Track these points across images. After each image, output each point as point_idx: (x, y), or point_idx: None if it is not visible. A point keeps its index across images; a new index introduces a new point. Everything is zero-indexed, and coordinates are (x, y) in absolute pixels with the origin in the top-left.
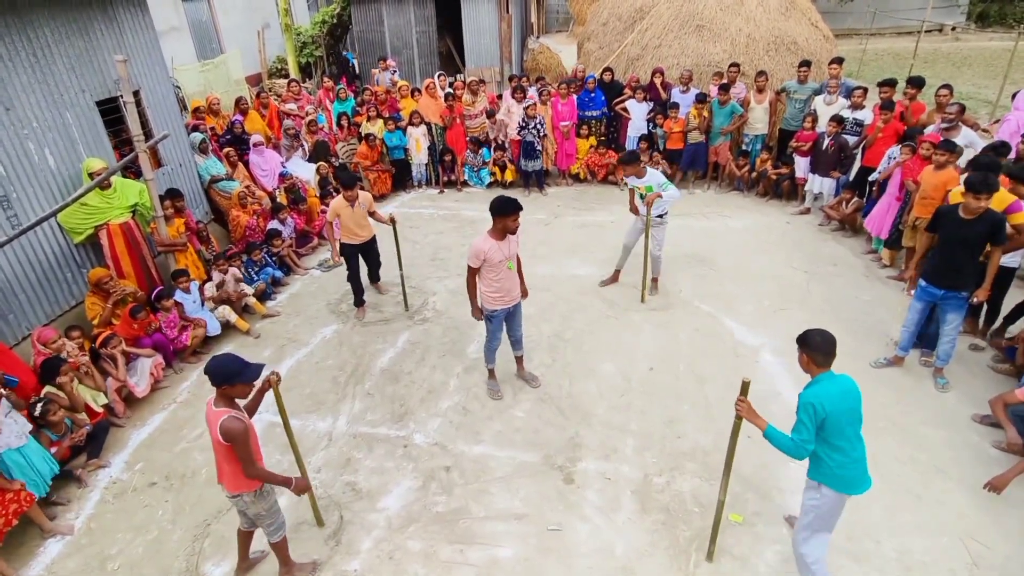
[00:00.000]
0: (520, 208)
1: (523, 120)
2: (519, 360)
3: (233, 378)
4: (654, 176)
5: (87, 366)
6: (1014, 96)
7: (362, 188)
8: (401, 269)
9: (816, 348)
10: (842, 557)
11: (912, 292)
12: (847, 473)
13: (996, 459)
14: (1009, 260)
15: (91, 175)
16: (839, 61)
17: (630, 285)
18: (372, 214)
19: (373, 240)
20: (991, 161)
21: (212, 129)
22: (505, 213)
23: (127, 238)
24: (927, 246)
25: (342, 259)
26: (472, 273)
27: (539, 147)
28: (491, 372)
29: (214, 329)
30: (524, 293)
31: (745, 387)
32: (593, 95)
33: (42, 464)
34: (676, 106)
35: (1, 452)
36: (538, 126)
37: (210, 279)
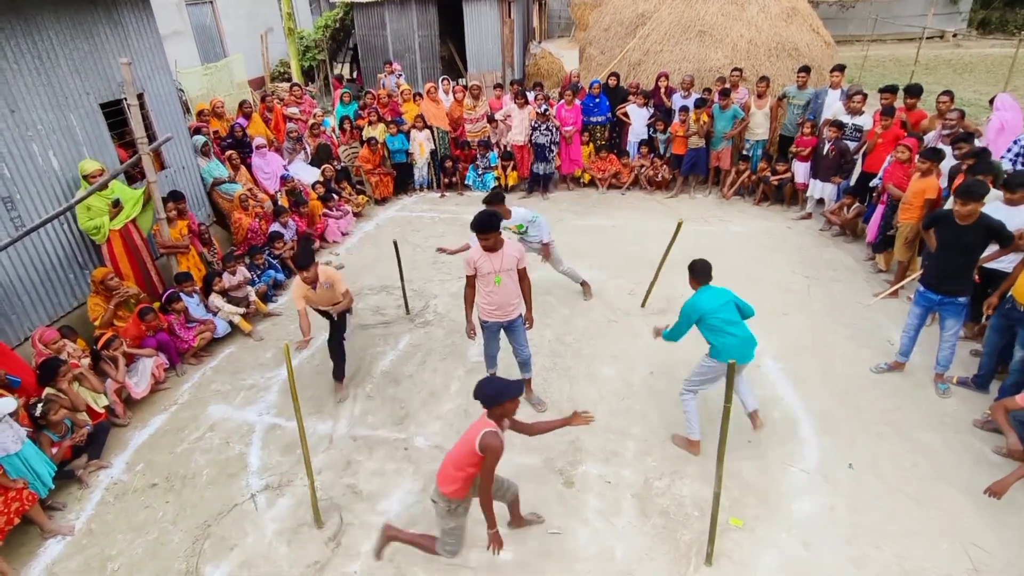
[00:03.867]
0: (487, 229)
1: (535, 122)
2: (527, 383)
3: (501, 396)
4: (520, 214)
5: (85, 369)
6: (992, 101)
7: (361, 191)
8: (402, 277)
9: (698, 273)
10: (843, 562)
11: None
12: (732, 352)
13: (997, 464)
14: (1005, 264)
15: (86, 177)
16: (841, 68)
17: (629, 290)
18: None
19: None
20: (986, 165)
21: (216, 132)
22: (474, 230)
23: (125, 242)
24: (913, 238)
25: (312, 338)
26: (469, 283)
27: (550, 151)
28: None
29: (222, 329)
30: (529, 321)
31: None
32: (598, 101)
33: (41, 466)
34: (686, 110)
35: None
36: (550, 128)
37: (219, 278)
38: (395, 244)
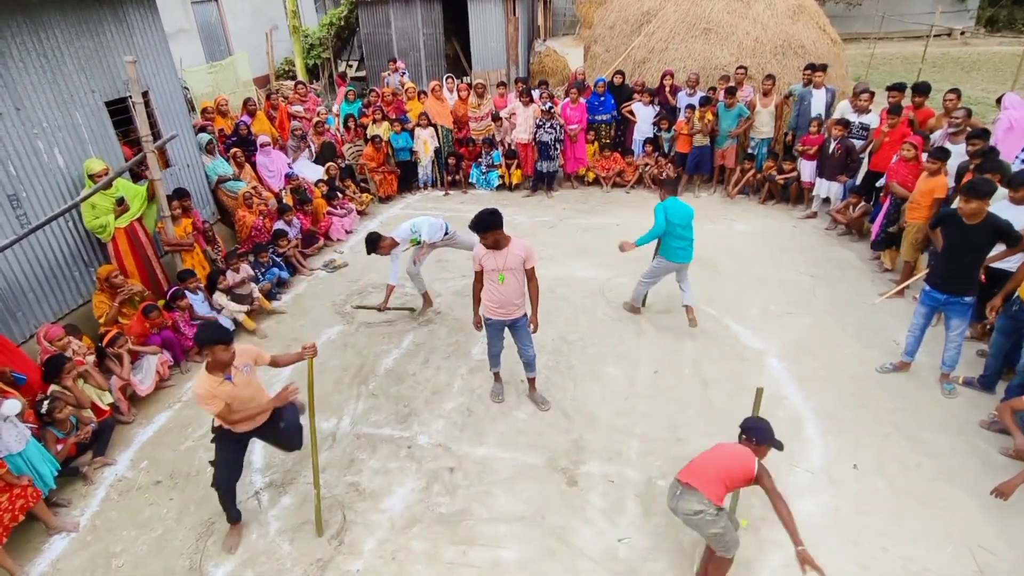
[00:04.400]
0: (488, 228)
1: (539, 121)
2: (531, 382)
3: (769, 440)
4: (401, 232)
5: (90, 367)
6: (999, 100)
7: (365, 188)
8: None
9: (669, 187)
10: (848, 563)
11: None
12: (679, 253)
13: (1003, 465)
14: (1011, 264)
15: (91, 176)
16: (822, 68)
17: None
18: (275, 363)
19: (277, 414)
20: (994, 164)
21: (220, 131)
22: (474, 230)
23: (130, 240)
24: (921, 238)
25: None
26: (476, 278)
27: (554, 150)
28: (496, 376)
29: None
30: (533, 325)
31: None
32: (603, 99)
33: (43, 466)
34: (691, 108)
35: (1, 456)
36: (555, 127)
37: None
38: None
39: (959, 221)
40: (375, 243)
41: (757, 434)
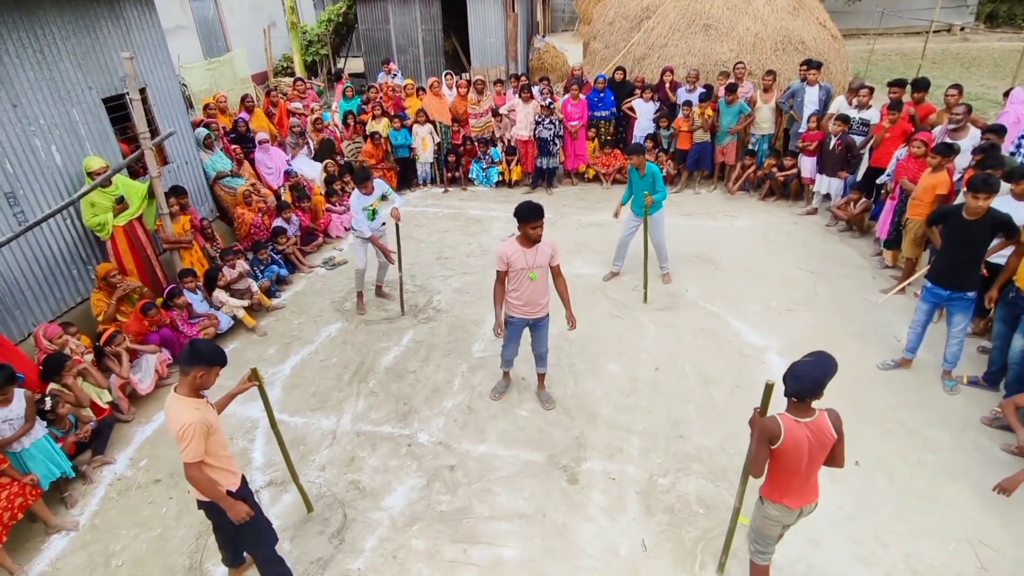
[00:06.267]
0: (540, 215)
1: (539, 116)
2: (540, 377)
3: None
4: (380, 186)
5: (88, 365)
6: (1006, 94)
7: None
8: (400, 271)
9: (632, 152)
10: (850, 561)
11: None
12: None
13: (1005, 462)
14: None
15: (90, 174)
16: (818, 66)
17: (633, 286)
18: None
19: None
20: (995, 160)
21: (221, 127)
22: (525, 220)
23: (129, 238)
24: (922, 235)
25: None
26: (499, 279)
27: (553, 145)
28: (505, 374)
29: (225, 325)
30: (571, 321)
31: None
32: (603, 95)
33: (41, 466)
34: (689, 104)
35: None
36: (554, 122)
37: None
38: (397, 231)
39: (959, 217)
40: (368, 174)
41: (815, 389)
